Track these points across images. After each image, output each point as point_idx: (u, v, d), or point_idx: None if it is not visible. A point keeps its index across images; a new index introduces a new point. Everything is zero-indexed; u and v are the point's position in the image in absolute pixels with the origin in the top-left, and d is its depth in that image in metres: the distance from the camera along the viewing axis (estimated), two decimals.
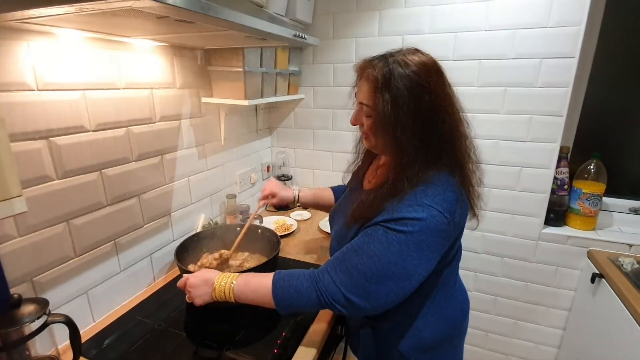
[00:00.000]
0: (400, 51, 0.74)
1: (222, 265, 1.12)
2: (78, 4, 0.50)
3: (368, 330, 0.89)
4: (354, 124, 0.81)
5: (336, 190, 1.23)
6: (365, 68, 0.75)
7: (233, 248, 1.12)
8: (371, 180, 0.91)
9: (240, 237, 1.12)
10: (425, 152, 0.71)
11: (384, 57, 0.73)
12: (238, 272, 0.84)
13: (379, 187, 0.77)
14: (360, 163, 1.00)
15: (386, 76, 0.70)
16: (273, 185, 1.19)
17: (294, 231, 1.53)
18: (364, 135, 0.81)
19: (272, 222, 1.58)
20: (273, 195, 1.18)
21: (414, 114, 0.69)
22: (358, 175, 1.00)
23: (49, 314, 0.72)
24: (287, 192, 1.20)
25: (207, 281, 0.82)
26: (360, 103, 0.77)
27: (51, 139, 0.81)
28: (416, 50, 0.75)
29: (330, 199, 1.21)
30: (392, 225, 0.70)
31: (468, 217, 0.80)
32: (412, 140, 0.70)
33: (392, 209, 0.71)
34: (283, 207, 1.77)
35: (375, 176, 0.90)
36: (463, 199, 0.75)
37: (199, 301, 0.83)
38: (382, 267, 0.70)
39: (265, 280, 0.79)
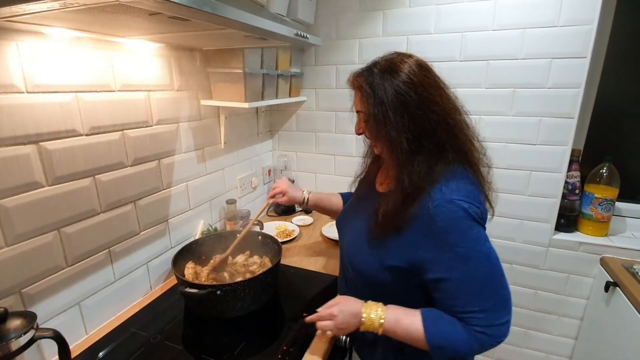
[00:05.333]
0: (382, 56, 0.78)
1: (219, 268, 1.09)
2: None
3: (386, 340, 0.85)
4: (357, 133, 0.85)
5: (345, 196, 1.21)
6: (354, 79, 0.79)
7: (229, 250, 1.10)
8: (383, 182, 0.90)
9: (237, 241, 1.10)
10: (422, 147, 0.72)
11: (369, 65, 0.78)
12: (382, 305, 0.79)
13: (392, 192, 0.76)
14: (366, 170, 1.00)
15: (369, 79, 0.74)
16: (284, 184, 1.18)
17: (295, 237, 1.49)
18: (371, 142, 0.84)
19: (274, 227, 1.54)
20: (283, 194, 1.16)
21: (401, 109, 0.71)
22: (367, 180, 0.98)
23: (37, 329, 0.68)
24: (296, 192, 1.19)
25: (355, 315, 0.79)
26: (357, 111, 0.81)
27: (41, 143, 0.77)
28: (398, 53, 0.77)
29: (338, 205, 1.19)
30: (445, 238, 0.69)
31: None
32: (403, 136, 0.71)
33: (428, 216, 0.70)
34: (288, 209, 1.75)
35: (388, 177, 0.88)
36: (482, 190, 0.75)
37: (343, 334, 0.83)
38: (488, 274, 0.70)
39: (416, 321, 0.74)
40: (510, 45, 1.32)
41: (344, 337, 1.03)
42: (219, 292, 0.91)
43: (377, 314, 0.76)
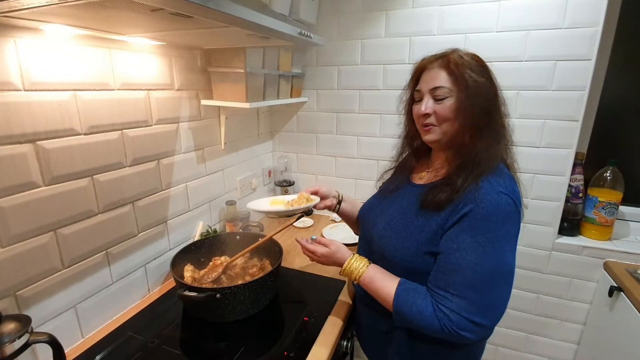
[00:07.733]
0: (461, 51, 0.81)
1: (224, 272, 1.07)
2: None
3: (402, 332, 0.85)
4: (426, 113, 0.80)
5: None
6: (432, 61, 0.81)
7: (237, 256, 1.08)
8: (423, 175, 0.91)
9: (252, 247, 1.09)
10: (493, 139, 0.76)
11: (451, 51, 0.81)
12: (367, 261, 0.85)
13: (448, 177, 0.78)
14: (394, 168, 1.02)
15: (461, 61, 0.77)
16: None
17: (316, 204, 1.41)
18: (430, 126, 0.80)
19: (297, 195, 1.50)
20: (315, 192, 1.08)
21: (487, 96, 0.76)
22: (399, 177, 0.98)
23: (32, 333, 0.67)
24: (332, 192, 1.12)
25: (337, 265, 0.88)
26: (435, 88, 0.78)
27: (38, 142, 0.75)
28: (473, 54, 0.82)
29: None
30: (476, 223, 0.70)
31: None
32: (488, 123, 0.75)
33: (473, 200, 0.71)
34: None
35: (433, 170, 0.89)
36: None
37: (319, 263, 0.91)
38: (488, 273, 0.69)
39: (389, 286, 0.79)
40: (514, 47, 1.30)
41: (345, 343, 1.01)
42: (218, 295, 0.89)
43: (359, 266, 0.84)
